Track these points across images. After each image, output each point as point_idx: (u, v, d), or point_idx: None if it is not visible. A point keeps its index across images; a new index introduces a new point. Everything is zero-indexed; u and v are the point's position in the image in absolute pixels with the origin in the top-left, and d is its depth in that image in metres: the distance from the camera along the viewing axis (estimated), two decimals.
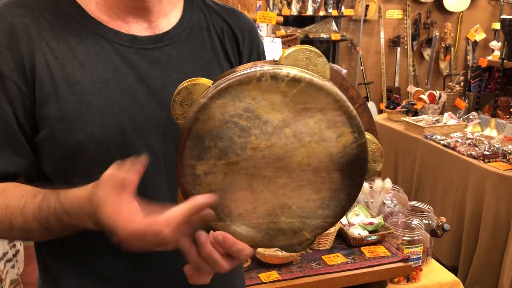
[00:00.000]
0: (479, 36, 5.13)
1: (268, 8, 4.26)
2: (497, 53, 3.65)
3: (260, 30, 2.64)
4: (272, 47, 2.39)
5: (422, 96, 3.73)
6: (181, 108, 0.65)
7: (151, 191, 0.81)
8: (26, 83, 0.75)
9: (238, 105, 0.61)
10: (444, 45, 5.81)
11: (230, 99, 0.61)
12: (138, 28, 0.82)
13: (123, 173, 0.62)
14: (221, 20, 0.91)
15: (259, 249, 1.64)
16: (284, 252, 1.61)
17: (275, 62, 0.63)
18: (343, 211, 0.68)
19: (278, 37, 2.65)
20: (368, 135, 0.65)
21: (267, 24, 2.60)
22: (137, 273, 0.85)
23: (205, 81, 0.64)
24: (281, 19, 2.63)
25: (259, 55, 0.96)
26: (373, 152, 0.67)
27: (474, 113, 3.48)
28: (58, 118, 0.75)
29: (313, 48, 0.63)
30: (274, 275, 1.60)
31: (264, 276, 1.59)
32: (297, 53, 0.62)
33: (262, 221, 0.67)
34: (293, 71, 0.61)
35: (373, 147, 0.67)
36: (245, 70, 0.61)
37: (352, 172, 0.65)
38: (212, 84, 0.63)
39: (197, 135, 0.62)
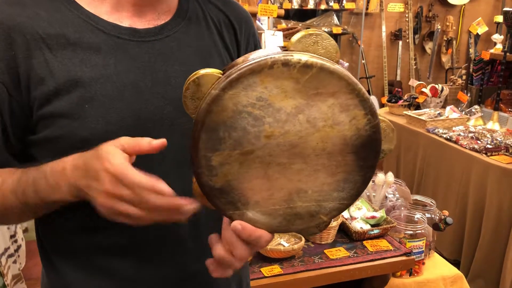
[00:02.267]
0: (481, 29, 5.09)
1: (269, 1, 4.24)
2: (499, 46, 3.63)
3: (261, 23, 2.63)
4: (274, 40, 2.38)
5: (424, 89, 3.72)
6: (193, 103, 0.65)
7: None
8: (17, 86, 0.74)
9: (250, 94, 0.61)
10: (446, 39, 5.78)
11: (242, 89, 0.61)
12: (138, 21, 0.81)
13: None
14: (216, 10, 0.91)
15: None
16: (302, 236, 1.60)
17: (283, 49, 0.63)
18: (358, 193, 0.68)
19: (279, 30, 2.63)
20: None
21: (268, 17, 2.58)
22: (145, 269, 0.84)
23: (212, 72, 0.63)
24: (282, 12, 2.62)
25: (256, 44, 0.96)
26: (384, 131, 0.68)
27: (476, 106, 3.47)
28: (61, 116, 0.74)
29: (320, 31, 0.63)
30: (276, 269, 1.60)
31: (266, 270, 1.59)
32: (304, 38, 0.62)
33: (278, 207, 0.67)
34: (304, 57, 0.60)
35: (383, 126, 0.68)
36: (254, 59, 0.61)
37: (366, 153, 0.65)
38: (222, 74, 0.63)
39: (210, 127, 0.62)
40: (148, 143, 0.65)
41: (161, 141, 0.65)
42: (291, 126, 0.62)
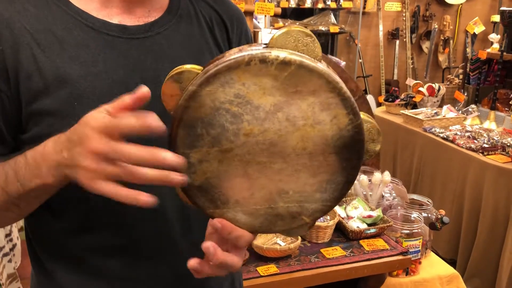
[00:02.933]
0: (478, 29, 5.10)
1: (266, 0, 4.23)
2: (496, 45, 3.64)
3: (258, 22, 2.62)
4: None
5: (421, 89, 3.72)
6: (172, 100, 0.64)
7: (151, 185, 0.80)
8: (7, 81, 0.73)
9: (228, 91, 0.60)
10: (443, 38, 5.78)
11: (220, 86, 0.60)
12: (128, 18, 0.80)
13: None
14: (208, 7, 0.90)
15: (258, 243, 1.63)
16: (285, 236, 1.60)
17: (264, 45, 0.62)
18: (341, 195, 0.67)
19: (276, 28, 2.63)
20: (363, 115, 0.64)
21: (265, 16, 2.57)
22: (136, 268, 0.84)
23: (191, 68, 0.63)
24: (279, 10, 2.61)
25: (248, 41, 0.95)
26: (369, 132, 0.66)
27: (473, 105, 3.47)
28: (50, 113, 0.73)
29: (301, 28, 0.61)
30: (272, 268, 1.60)
31: (262, 269, 1.59)
32: (285, 35, 0.61)
33: (259, 207, 0.66)
34: (283, 54, 0.59)
35: (368, 127, 0.66)
36: (234, 55, 0.60)
37: (349, 154, 0.64)
38: (201, 70, 0.62)
39: (188, 123, 0.61)
40: (130, 97, 0.58)
41: (142, 91, 0.58)
42: (270, 124, 0.61)
